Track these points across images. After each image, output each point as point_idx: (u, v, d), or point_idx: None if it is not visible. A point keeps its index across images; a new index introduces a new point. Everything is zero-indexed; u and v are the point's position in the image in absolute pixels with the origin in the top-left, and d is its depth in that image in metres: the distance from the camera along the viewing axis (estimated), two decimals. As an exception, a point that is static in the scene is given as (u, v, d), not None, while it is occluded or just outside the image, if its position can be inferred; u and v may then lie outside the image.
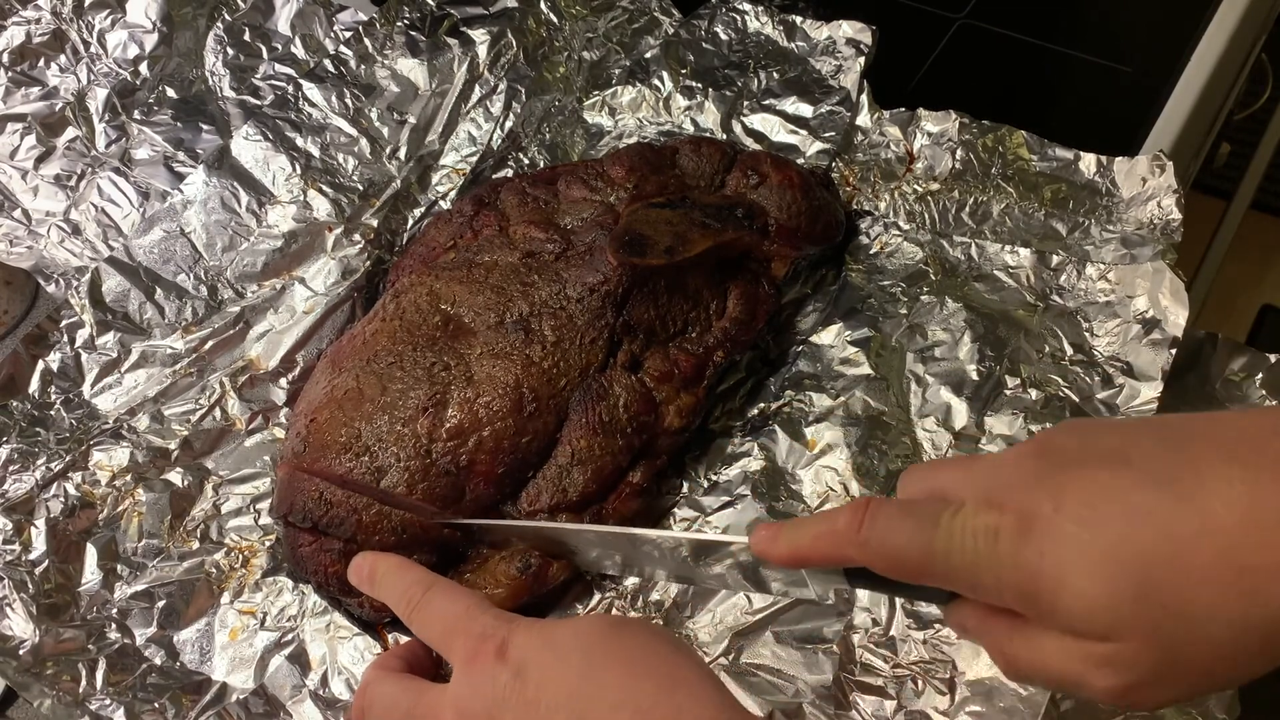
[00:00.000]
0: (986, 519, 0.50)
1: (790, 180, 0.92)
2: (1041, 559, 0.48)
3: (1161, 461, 0.48)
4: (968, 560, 0.50)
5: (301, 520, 0.79)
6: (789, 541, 0.57)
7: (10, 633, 0.79)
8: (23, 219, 1.06)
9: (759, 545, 0.59)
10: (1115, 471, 0.48)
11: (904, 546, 0.52)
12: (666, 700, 0.55)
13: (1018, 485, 0.50)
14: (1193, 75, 1.07)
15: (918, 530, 0.52)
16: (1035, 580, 0.48)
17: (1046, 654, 0.50)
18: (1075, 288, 0.88)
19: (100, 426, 0.89)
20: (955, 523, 0.51)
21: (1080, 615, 0.48)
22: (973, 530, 0.50)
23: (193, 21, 1.17)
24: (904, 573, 0.53)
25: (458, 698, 0.60)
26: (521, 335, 0.82)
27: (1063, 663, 0.50)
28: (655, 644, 0.59)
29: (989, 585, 0.50)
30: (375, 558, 0.75)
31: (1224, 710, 0.72)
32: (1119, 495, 0.48)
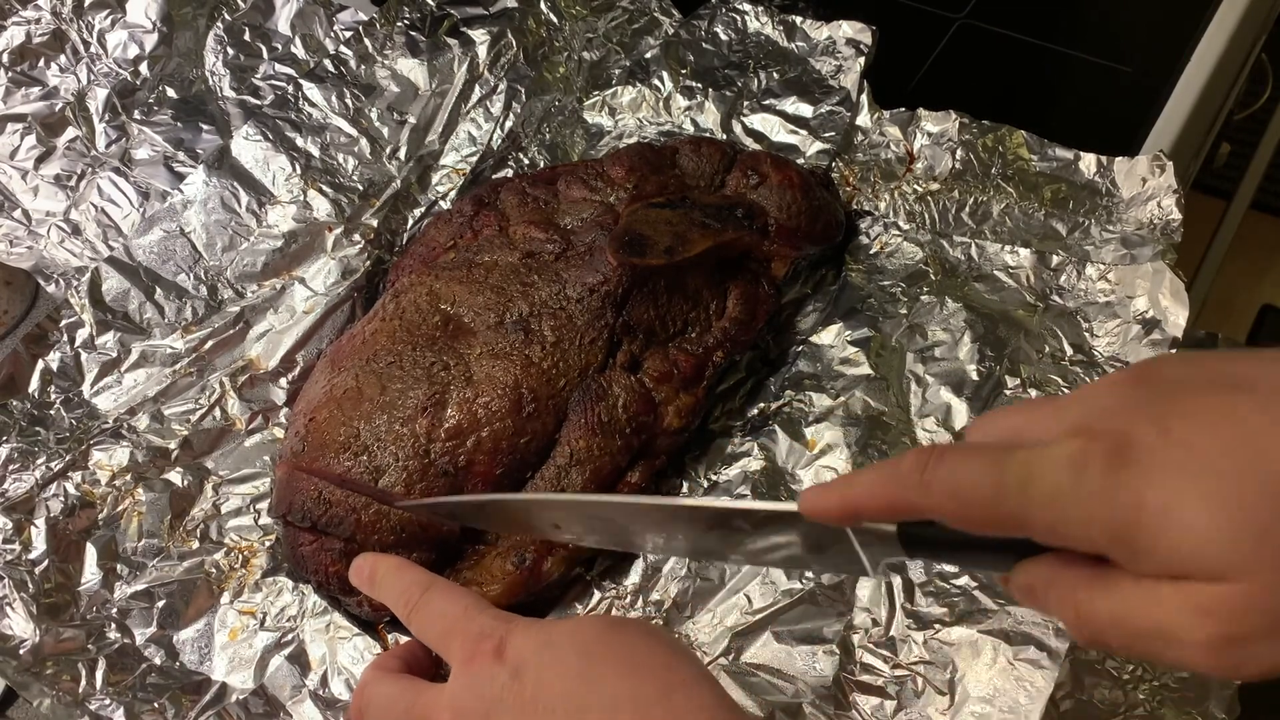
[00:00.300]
0: (1073, 446, 0.43)
1: (790, 180, 0.92)
2: (1143, 487, 0.41)
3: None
4: (1048, 493, 0.43)
5: (301, 520, 0.79)
6: (842, 493, 0.50)
7: (10, 632, 0.79)
8: (23, 219, 1.06)
9: (808, 502, 0.52)
10: (1229, 394, 0.42)
11: (974, 484, 0.45)
12: (664, 700, 0.55)
13: (1113, 412, 0.44)
14: (1193, 75, 1.07)
15: (990, 465, 0.45)
16: (1135, 512, 0.41)
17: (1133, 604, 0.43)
18: (1075, 288, 0.88)
19: (100, 426, 0.89)
20: (1035, 454, 0.44)
21: (1188, 550, 0.41)
22: (1055, 459, 0.43)
23: (193, 21, 1.17)
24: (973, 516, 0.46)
25: (455, 698, 0.60)
26: (521, 335, 0.82)
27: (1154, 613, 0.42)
28: (653, 645, 0.58)
29: (1074, 521, 0.43)
30: (375, 559, 0.75)
31: (1224, 710, 0.72)
32: (1237, 416, 0.41)
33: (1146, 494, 0.41)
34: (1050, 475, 0.43)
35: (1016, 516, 0.44)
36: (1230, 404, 0.42)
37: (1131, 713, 0.72)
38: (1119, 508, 0.41)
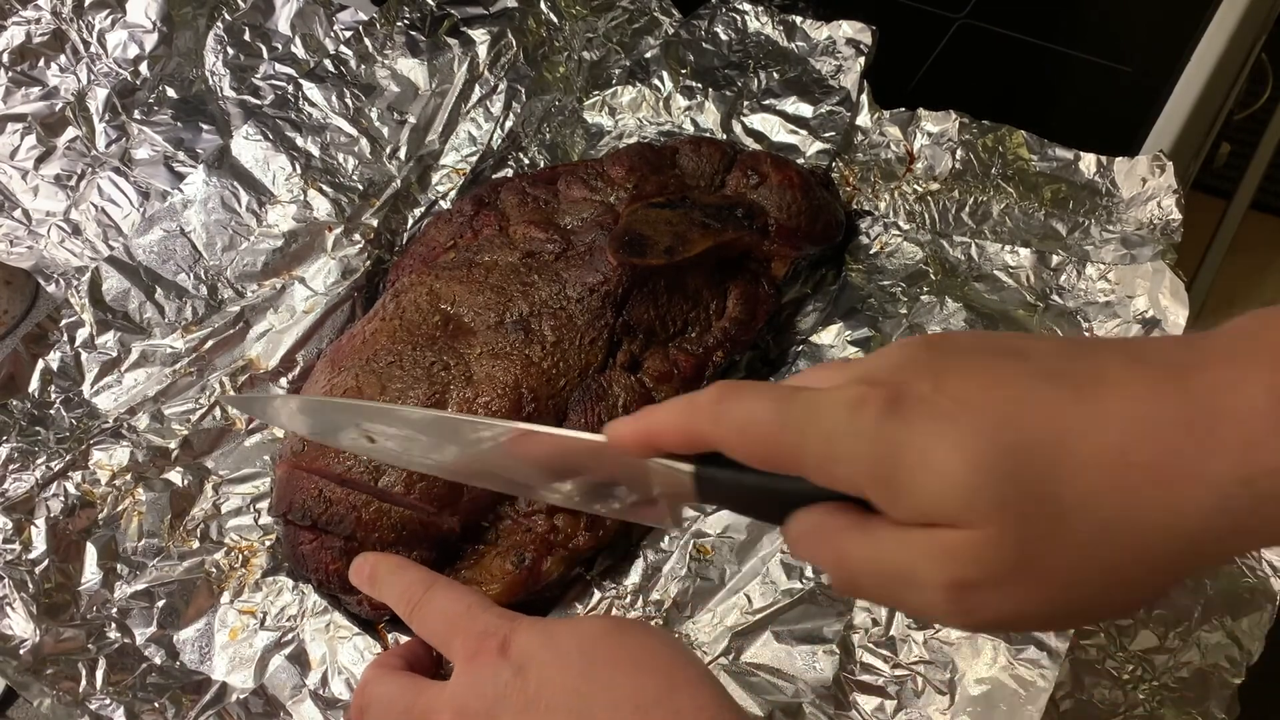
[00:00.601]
0: (853, 391, 0.45)
1: (790, 180, 0.92)
2: (908, 430, 0.43)
3: (1063, 360, 0.44)
4: (824, 431, 0.45)
5: (301, 518, 0.79)
6: (644, 421, 0.52)
7: (10, 632, 0.79)
8: (23, 219, 1.06)
9: (613, 431, 0.53)
10: (1010, 362, 0.45)
11: (761, 419, 0.47)
12: (666, 700, 0.55)
13: (898, 366, 0.46)
14: (1193, 75, 1.07)
15: (778, 402, 0.47)
16: (896, 454, 0.43)
17: (884, 549, 0.45)
18: (1075, 287, 0.88)
19: (100, 426, 0.89)
20: (819, 394, 0.46)
21: (936, 494, 0.43)
22: (836, 400, 0.45)
23: (193, 21, 1.17)
24: (755, 450, 0.48)
25: (457, 695, 0.60)
26: (521, 335, 0.82)
27: (901, 556, 0.44)
28: (655, 644, 0.58)
29: (843, 459, 0.45)
30: (375, 558, 0.75)
31: (1224, 710, 0.72)
32: (1004, 379, 0.44)
33: (909, 439, 0.43)
34: (828, 414, 0.45)
35: (793, 452, 0.46)
36: (1001, 366, 0.44)
37: (1131, 713, 0.72)
38: (884, 448, 0.43)
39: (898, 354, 0.47)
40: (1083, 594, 0.43)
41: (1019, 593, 0.43)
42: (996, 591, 0.43)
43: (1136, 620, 0.73)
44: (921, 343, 0.47)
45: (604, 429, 0.53)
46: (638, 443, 0.52)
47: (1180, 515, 0.41)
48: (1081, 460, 0.41)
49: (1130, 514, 0.41)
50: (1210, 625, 0.74)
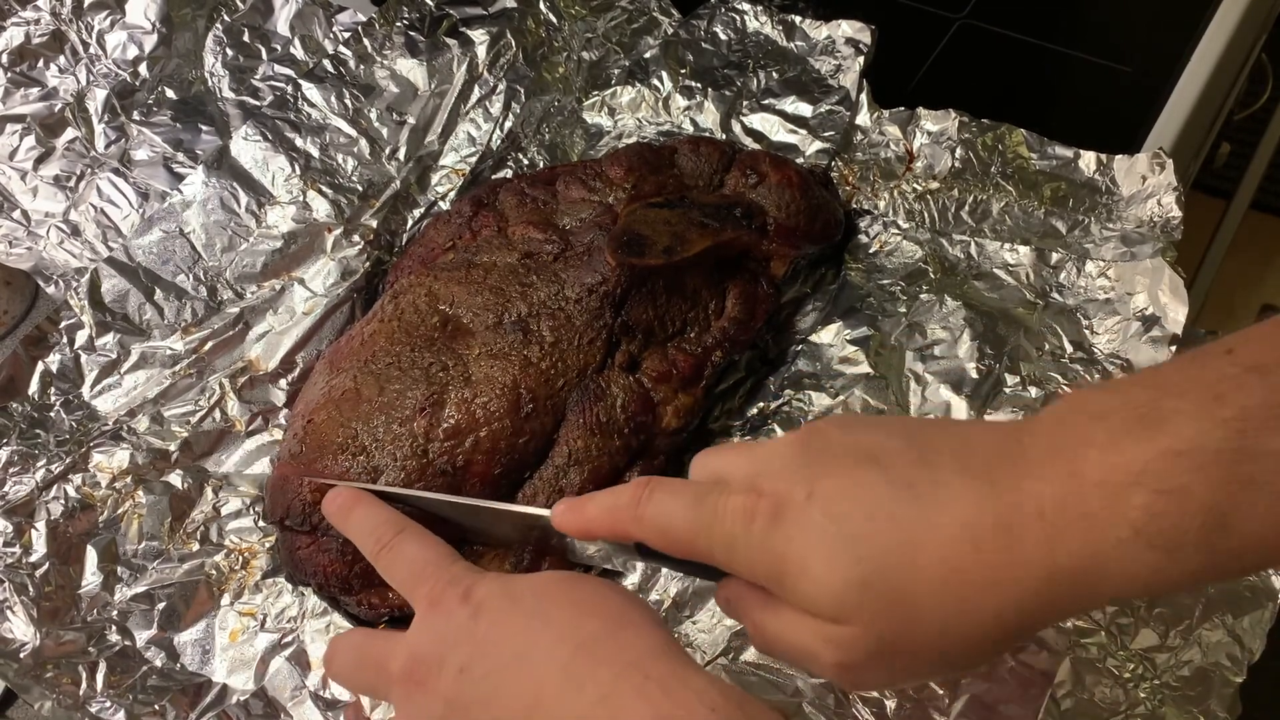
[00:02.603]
0: (744, 501, 0.54)
1: (789, 179, 0.92)
2: (789, 543, 0.52)
3: (906, 463, 0.53)
4: (726, 538, 0.55)
5: (299, 522, 0.79)
6: (579, 516, 0.62)
7: (10, 635, 0.80)
8: (22, 220, 1.06)
9: (557, 519, 0.63)
10: (865, 469, 0.53)
11: (675, 523, 0.57)
12: (611, 636, 0.56)
13: (779, 472, 0.55)
14: (1193, 75, 1.06)
15: (687, 508, 0.56)
16: (782, 562, 0.53)
17: (788, 629, 0.55)
18: (1075, 285, 0.88)
19: (100, 428, 0.89)
20: (720, 502, 0.55)
21: (814, 597, 0.52)
22: (732, 511, 0.54)
23: (192, 22, 1.16)
24: (675, 548, 0.57)
25: (412, 639, 0.61)
26: (520, 336, 0.82)
27: (800, 638, 0.54)
28: (606, 591, 0.60)
29: (743, 563, 0.55)
30: (350, 492, 0.76)
31: (1225, 709, 0.72)
32: (863, 492, 0.52)
33: (790, 549, 0.53)
34: (728, 525, 0.54)
35: (705, 553, 0.56)
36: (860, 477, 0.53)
37: (1133, 711, 0.72)
38: (772, 557, 0.53)
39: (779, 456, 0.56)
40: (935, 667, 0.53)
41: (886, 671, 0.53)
42: (871, 670, 0.53)
43: (1137, 618, 0.73)
44: (799, 443, 0.56)
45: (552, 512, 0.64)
46: (579, 532, 0.63)
47: (1002, 609, 0.50)
48: (921, 570, 0.50)
49: (963, 614, 0.50)
50: (1211, 624, 0.73)
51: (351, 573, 0.78)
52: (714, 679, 0.54)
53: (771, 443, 0.58)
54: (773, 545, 0.53)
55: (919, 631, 0.51)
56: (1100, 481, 0.49)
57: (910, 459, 0.53)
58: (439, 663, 0.58)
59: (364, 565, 0.77)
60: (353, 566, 0.78)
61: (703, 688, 0.53)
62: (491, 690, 0.56)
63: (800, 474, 0.54)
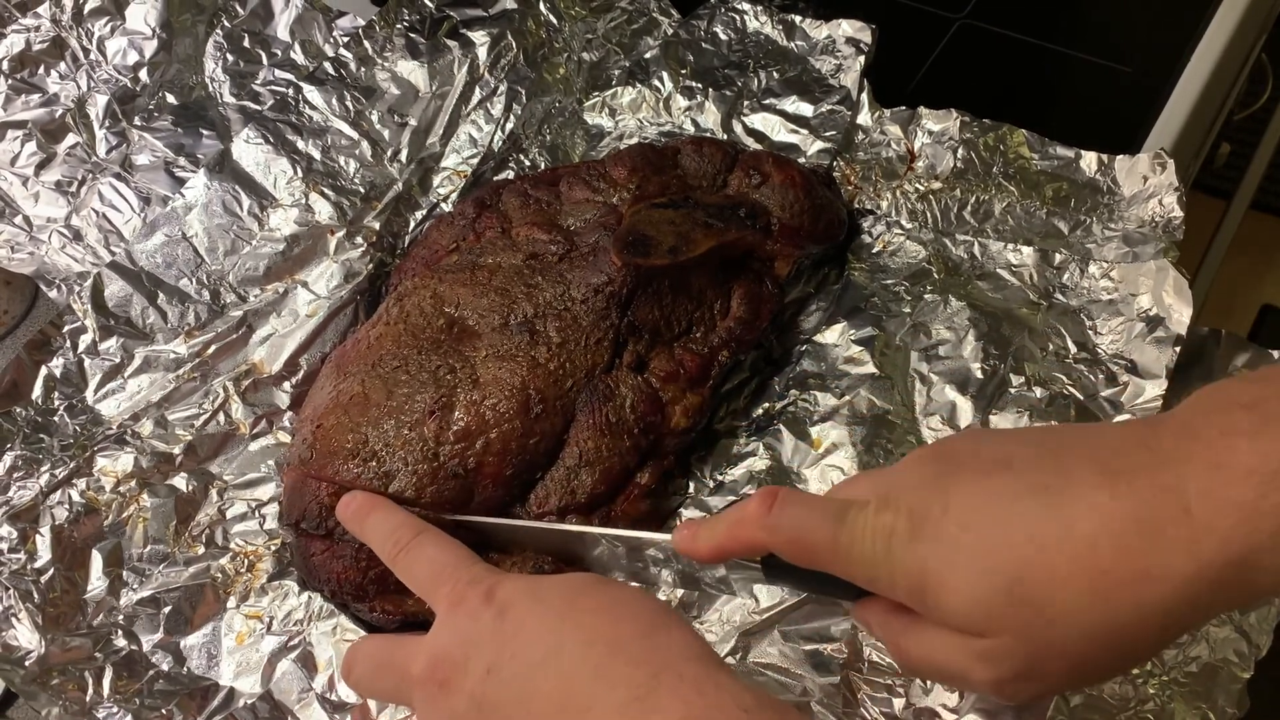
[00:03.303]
0: (884, 519, 0.54)
1: (792, 179, 0.92)
2: (928, 559, 0.52)
3: (1038, 469, 0.52)
4: (866, 556, 0.55)
5: (315, 526, 0.79)
6: (707, 539, 0.62)
7: (16, 643, 0.79)
8: (24, 225, 1.05)
9: (681, 545, 0.63)
10: (996, 477, 0.53)
11: (811, 534, 0.57)
12: (644, 638, 0.55)
13: (913, 487, 0.55)
14: (1193, 75, 1.06)
15: (824, 520, 0.56)
16: (923, 579, 0.53)
17: (935, 649, 0.54)
18: (1078, 285, 0.88)
19: (104, 432, 0.88)
20: (858, 519, 0.55)
21: (959, 612, 0.52)
22: (873, 529, 0.54)
23: (192, 28, 1.16)
24: (810, 559, 0.57)
25: (435, 641, 0.60)
26: (526, 337, 0.82)
27: (949, 656, 0.54)
28: (636, 593, 0.60)
29: (884, 582, 0.55)
30: (365, 496, 0.76)
31: (1233, 704, 0.72)
32: (997, 500, 0.52)
33: (929, 564, 0.52)
34: (869, 542, 0.54)
35: (842, 568, 0.56)
36: (993, 484, 0.53)
37: (1142, 707, 0.72)
38: (912, 574, 0.53)
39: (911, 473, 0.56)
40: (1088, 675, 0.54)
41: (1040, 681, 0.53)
42: (1024, 682, 0.52)
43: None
44: (930, 457, 0.57)
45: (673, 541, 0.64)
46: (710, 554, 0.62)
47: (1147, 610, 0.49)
48: (1061, 574, 0.50)
49: (1107, 616, 0.49)
50: (1219, 620, 0.74)
51: (366, 579, 0.78)
52: (746, 682, 0.54)
53: (899, 463, 0.58)
54: (912, 561, 0.53)
55: (1066, 639, 0.50)
56: (1252, 470, 0.47)
57: (1042, 462, 0.53)
58: (464, 663, 0.57)
59: (378, 571, 0.77)
60: (367, 573, 0.78)
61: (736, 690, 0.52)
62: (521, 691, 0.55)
63: (933, 487, 0.54)
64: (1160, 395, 0.81)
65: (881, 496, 0.55)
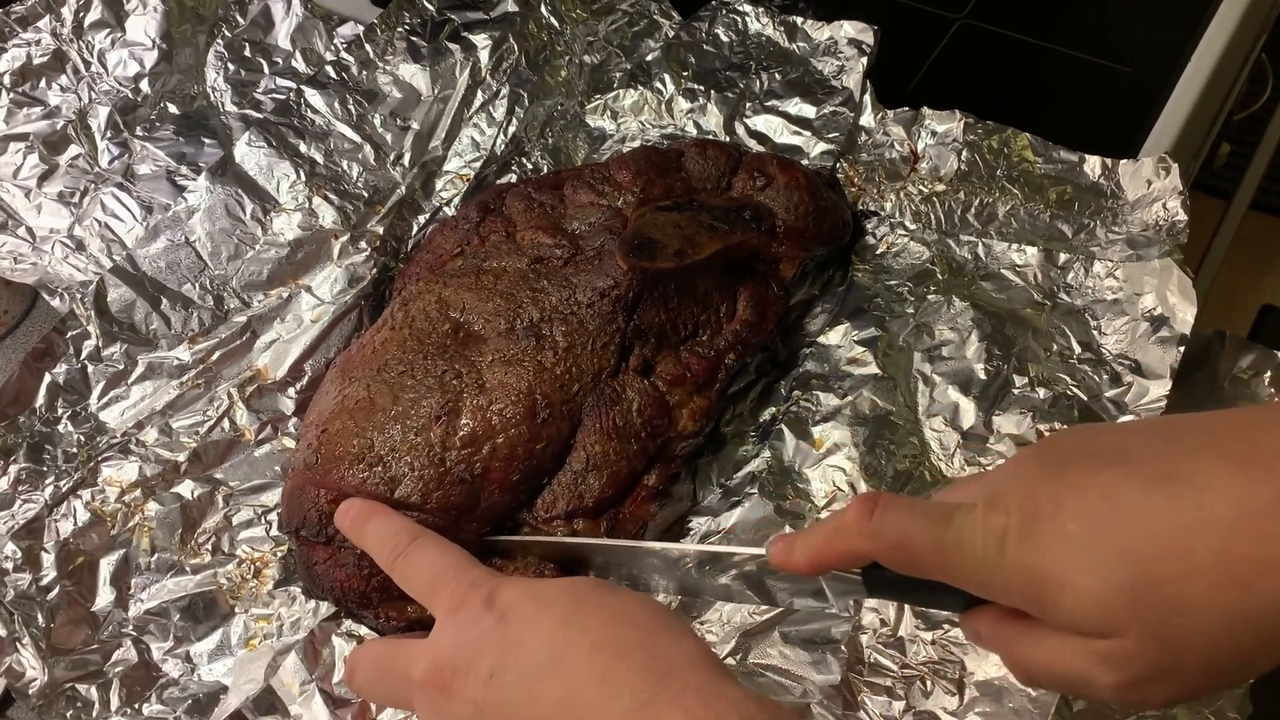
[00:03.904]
0: (994, 520, 0.51)
1: (796, 181, 0.92)
2: (1044, 558, 0.49)
3: (1158, 458, 0.49)
4: (977, 560, 0.51)
5: (315, 534, 0.79)
6: (804, 550, 0.58)
7: (20, 668, 0.79)
8: (27, 236, 1.05)
9: (777, 558, 0.59)
10: (1113, 469, 0.50)
11: (917, 540, 0.53)
12: (647, 645, 0.55)
13: (1022, 484, 0.52)
14: (1193, 75, 1.06)
15: (930, 524, 0.53)
16: (1039, 580, 0.50)
17: (1054, 655, 0.51)
18: (1083, 286, 0.88)
19: (109, 441, 0.89)
20: (966, 521, 0.52)
21: (1080, 613, 0.49)
22: (983, 531, 0.51)
23: (192, 38, 1.16)
24: (916, 567, 0.54)
25: (437, 645, 0.60)
26: (532, 341, 0.82)
27: (1070, 662, 0.51)
28: (639, 598, 0.59)
29: (997, 586, 0.52)
30: (362, 502, 0.75)
31: (1236, 710, 0.72)
32: (1116, 492, 0.49)
33: (1046, 564, 0.49)
34: (979, 545, 0.51)
35: (951, 574, 0.53)
36: (1109, 476, 0.50)
37: (1144, 714, 0.72)
38: (1027, 577, 0.50)
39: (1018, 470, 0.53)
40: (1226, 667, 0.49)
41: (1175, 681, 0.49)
42: (1155, 684, 0.49)
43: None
44: (1036, 455, 0.54)
45: (769, 556, 0.60)
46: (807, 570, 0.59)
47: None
48: (1195, 565, 0.46)
49: (1247, 604, 0.46)
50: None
51: (369, 586, 0.78)
52: (750, 690, 0.53)
53: (1005, 463, 0.56)
54: (1027, 563, 0.50)
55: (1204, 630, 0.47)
56: None
57: (1161, 452, 0.50)
58: (466, 668, 0.57)
59: (382, 579, 0.77)
60: (370, 580, 0.78)
61: (739, 698, 0.52)
62: (524, 696, 0.55)
63: (1045, 484, 0.51)
64: (1164, 396, 0.81)
65: (990, 497, 0.52)
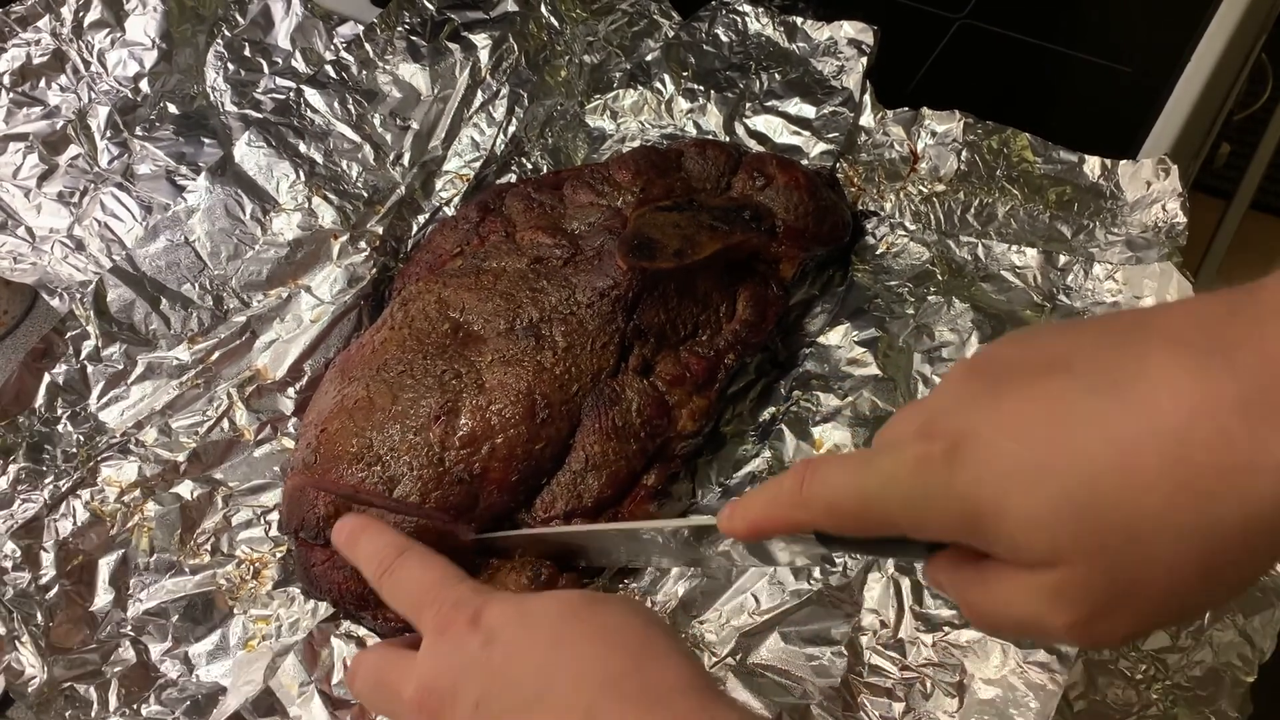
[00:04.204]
0: (916, 449, 0.46)
1: (796, 181, 0.92)
2: (979, 483, 0.44)
3: (1105, 361, 0.43)
4: (904, 498, 0.46)
5: (314, 536, 0.79)
6: (743, 516, 0.55)
7: (19, 666, 0.79)
8: (26, 236, 1.05)
9: (723, 524, 0.56)
10: (1055, 378, 0.44)
11: (842, 495, 0.49)
12: (635, 673, 0.53)
13: (954, 408, 0.47)
14: (1193, 75, 1.06)
15: (851, 475, 0.49)
16: (974, 507, 0.44)
17: (1005, 596, 0.46)
18: (1083, 288, 0.88)
19: (108, 441, 0.88)
20: (888, 460, 0.47)
21: (1022, 541, 0.43)
22: (905, 465, 0.46)
23: (192, 38, 1.16)
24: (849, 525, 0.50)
25: (423, 669, 0.58)
26: (532, 341, 0.82)
27: (1021, 603, 0.45)
28: (629, 618, 0.57)
29: (934, 523, 0.46)
30: (357, 518, 0.72)
31: (1236, 709, 0.72)
32: (1056, 404, 0.43)
33: (981, 491, 0.44)
34: (901, 481, 0.46)
35: (884, 521, 0.48)
36: (1051, 386, 0.44)
37: (1145, 712, 0.72)
38: (962, 505, 0.44)
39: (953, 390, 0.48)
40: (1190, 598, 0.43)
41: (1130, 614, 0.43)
42: (1111, 618, 0.43)
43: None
44: (970, 372, 0.48)
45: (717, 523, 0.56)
46: (747, 535, 0.55)
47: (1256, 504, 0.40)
48: (1145, 476, 0.41)
49: (1206, 516, 0.40)
50: (1222, 624, 0.74)
51: (366, 589, 0.76)
52: (743, 711, 0.52)
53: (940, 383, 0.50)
54: (958, 490, 0.44)
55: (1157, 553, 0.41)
56: None
57: (1109, 354, 0.44)
58: (452, 694, 0.56)
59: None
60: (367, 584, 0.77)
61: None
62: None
63: (977, 403, 0.45)
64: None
65: (922, 425, 0.47)
